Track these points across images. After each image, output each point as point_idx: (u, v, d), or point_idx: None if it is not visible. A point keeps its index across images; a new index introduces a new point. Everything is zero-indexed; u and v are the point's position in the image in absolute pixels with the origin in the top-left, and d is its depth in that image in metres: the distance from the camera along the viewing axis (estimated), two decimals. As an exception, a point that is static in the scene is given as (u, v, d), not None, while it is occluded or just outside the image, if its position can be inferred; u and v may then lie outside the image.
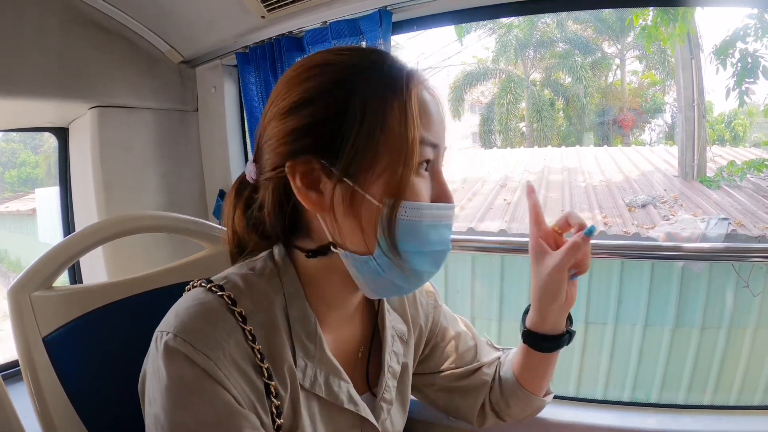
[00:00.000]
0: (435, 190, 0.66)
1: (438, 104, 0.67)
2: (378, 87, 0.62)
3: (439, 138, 0.65)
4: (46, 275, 0.86)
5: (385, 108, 0.61)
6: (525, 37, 13.04)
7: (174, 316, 0.63)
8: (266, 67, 1.66)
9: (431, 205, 0.64)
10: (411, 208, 0.62)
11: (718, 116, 10.73)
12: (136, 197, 1.88)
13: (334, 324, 0.75)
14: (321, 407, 0.71)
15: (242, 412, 0.61)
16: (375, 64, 0.65)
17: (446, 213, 0.66)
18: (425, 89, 0.66)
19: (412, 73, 0.65)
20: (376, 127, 0.61)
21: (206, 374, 0.59)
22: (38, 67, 1.54)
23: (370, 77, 0.63)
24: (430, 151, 0.64)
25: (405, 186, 0.61)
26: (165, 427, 0.58)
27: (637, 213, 5.71)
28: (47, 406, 0.80)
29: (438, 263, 0.68)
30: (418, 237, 0.63)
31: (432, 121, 0.64)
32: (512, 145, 13.23)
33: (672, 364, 3.95)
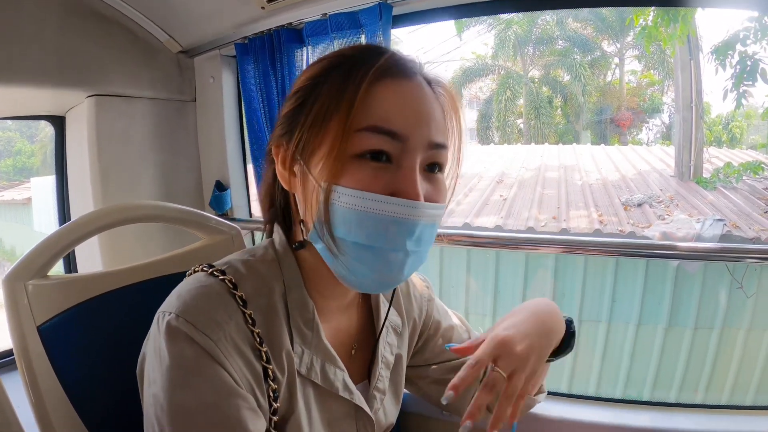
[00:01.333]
0: (395, 186, 0.62)
1: (411, 96, 0.64)
2: (336, 79, 0.64)
3: (400, 128, 0.62)
4: (42, 264, 0.85)
5: (332, 99, 0.63)
6: (524, 34, 13.06)
7: (176, 298, 0.64)
8: (265, 58, 1.65)
9: (369, 194, 0.60)
10: (345, 194, 0.61)
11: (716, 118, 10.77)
12: (133, 187, 1.87)
13: (331, 314, 0.76)
14: (316, 394, 0.72)
15: (241, 392, 0.61)
16: (348, 58, 0.66)
17: (391, 207, 0.61)
18: (394, 81, 0.63)
19: (375, 64, 0.63)
20: (319, 115, 0.63)
21: (207, 354, 0.60)
22: (36, 55, 1.53)
23: (339, 70, 0.65)
24: (384, 141, 0.61)
25: (337, 171, 0.61)
26: (164, 406, 0.59)
27: (632, 212, 5.72)
28: (41, 396, 0.80)
29: (387, 262, 0.63)
30: (351, 226, 0.61)
31: (388, 112, 0.62)
32: (509, 142, 13.27)
33: (664, 363, 3.98)
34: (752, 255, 1.40)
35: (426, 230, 0.64)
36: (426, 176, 0.66)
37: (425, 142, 0.63)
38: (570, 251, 1.43)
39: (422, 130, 0.63)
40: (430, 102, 0.65)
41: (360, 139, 0.61)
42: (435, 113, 0.65)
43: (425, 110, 0.64)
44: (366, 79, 0.62)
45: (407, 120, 0.62)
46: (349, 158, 0.61)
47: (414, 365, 0.96)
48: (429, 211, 0.63)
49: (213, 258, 0.73)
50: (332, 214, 0.62)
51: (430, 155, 0.65)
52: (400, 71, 0.64)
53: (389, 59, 0.64)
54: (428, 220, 0.64)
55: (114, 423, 0.87)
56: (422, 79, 0.67)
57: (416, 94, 0.64)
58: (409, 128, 0.62)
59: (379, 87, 0.62)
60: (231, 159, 2.01)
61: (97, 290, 0.91)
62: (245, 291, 0.66)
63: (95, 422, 0.85)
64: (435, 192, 0.66)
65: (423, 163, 0.65)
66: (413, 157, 0.63)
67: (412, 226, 0.62)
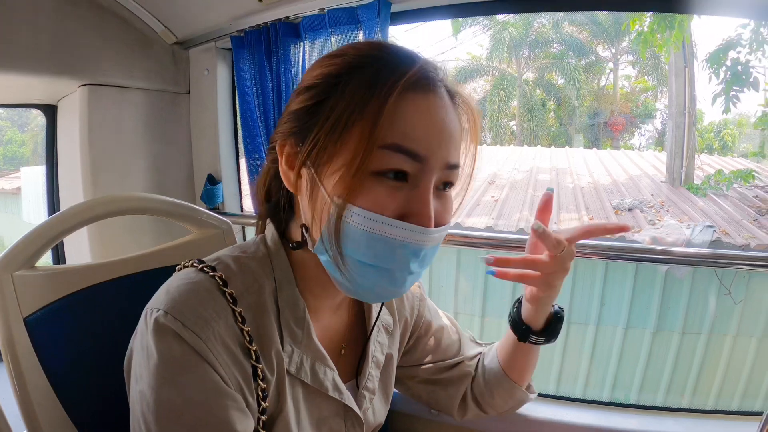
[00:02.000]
0: (409, 207, 0.60)
1: (436, 114, 0.61)
2: (360, 84, 0.60)
3: (423, 149, 0.59)
4: (30, 254, 0.84)
5: (356, 106, 0.59)
6: (520, 36, 13.10)
7: (165, 294, 0.63)
8: (261, 51, 1.64)
9: (382, 218, 0.58)
10: (358, 214, 0.58)
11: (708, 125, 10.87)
12: (124, 178, 1.85)
13: (322, 313, 0.75)
14: (305, 393, 0.71)
15: (229, 392, 0.61)
16: (375, 60, 0.62)
17: (403, 233, 0.59)
18: (418, 96, 0.60)
19: (403, 75, 0.59)
20: (340, 122, 0.59)
21: (195, 352, 0.59)
22: (29, 42, 1.51)
23: (363, 73, 0.61)
24: (404, 161, 0.59)
25: (354, 189, 0.58)
26: (151, 404, 0.58)
27: (623, 216, 5.75)
28: (27, 388, 0.79)
29: (391, 280, 0.62)
30: (360, 246, 0.60)
31: (413, 130, 0.59)
32: (502, 143, 13.30)
33: (652, 367, 4.00)
34: (741, 261, 1.40)
35: (430, 251, 0.63)
36: (437, 195, 0.64)
37: (443, 163, 0.61)
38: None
39: (441, 150, 0.61)
40: (450, 119, 0.63)
41: (381, 156, 0.58)
42: (454, 131, 0.63)
43: (446, 129, 0.61)
44: (395, 90, 0.58)
45: (429, 140, 0.60)
46: (366, 175, 0.58)
47: (404, 365, 0.96)
48: (436, 236, 0.62)
49: (203, 252, 0.72)
50: (343, 231, 0.60)
51: (444, 175, 0.63)
52: (427, 84, 0.61)
53: (419, 70, 0.60)
54: (434, 243, 0.63)
55: (100, 417, 0.86)
56: (445, 90, 0.64)
57: (439, 110, 0.61)
58: (430, 149, 0.60)
59: (406, 100, 0.59)
60: (224, 153, 2.00)
61: (85, 282, 0.90)
62: (235, 288, 0.65)
63: (81, 415, 0.84)
64: (444, 211, 0.65)
65: (437, 183, 0.63)
66: (430, 178, 0.61)
67: (419, 250, 0.61)
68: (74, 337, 0.86)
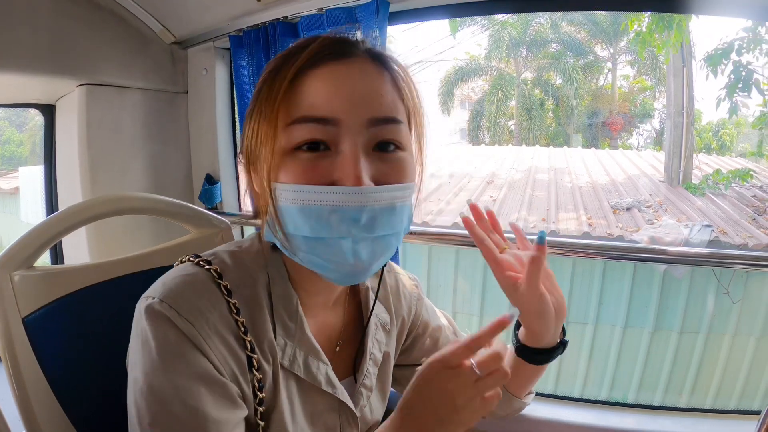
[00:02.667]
0: (336, 172, 0.60)
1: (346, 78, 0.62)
2: (266, 80, 0.64)
3: (331, 113, 0.60)
4: (28, 254, 0.84)
5: (265, 99, 0.63)
6: (518, 36, 13.10)
7: (161, 284, 0.64)
8: (259, 51, 1.64)
9: (305, 186, 0.59)
10: (284, 190, 0.61)
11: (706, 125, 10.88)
12: (122, 178, 1.85)
13: (316, 309, 0.76)
14: (299, 388, 0.72)
15: (221, 380, 0.62)
16: (286, 54, 0.65)
17: (330, 197, 0.59)
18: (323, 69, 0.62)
19: (298, 57, 0.62)
20: (258, 114, 0.64)
21: (188, 340, 0.60)
22: (27, 41, 1.51)
23: (270, 71, 0.65)
24: (314, 129, 0.60)
25: (276, 167, 0.61)
26: (143, 389, 0.59)
27: (621, 216, 5.75)
28: (25, 388, 0.79)
29: (340, 251, 0.61)
30: (297, 221, 0.61)
31: (319, 99, 0.60)
32: (500, 143, 13.31)
33: (650, 366, 4.01)
34: (740, 261, 1.41)
35: (381, 214, 0.61)
36: (378, 156, 0.63)
37: (364, 121, 0.61)
38: (558, 253, 1.43)
39: (358, 109, 0.61)
40: (370, 78, 0.63)
41: (291, 132, 0.60)
42: (377, 90, 0.63)
43: (361, 89, 0.62)
44: (290, 70, 0.61)
45: (337, 102, 0.60)
46: (286, 153, 0.61)
47: (401, 364, 0.95)
48: (377, 195, 0.60)
49: (202, 251, 0.72)
50: (279, 211, 0.62)
51: (375, 133, 0.62)
52: (333, 54, 0.63)
53: (319, 45, 0.63)
54: (380, 204, 0.60)
55: (98, 416, 0.86)
56: (366, 57, 0.65)
57: (350, 74, 0.62)
58: (339, 111, 0.60)
59: (309, 76, 0.62)
60: (222, 152, 1.99)
61: (83, 282, 0.90)
62: (230, 281, 0.66)
63: (79, 415, 0.84)
64: (392, 172, 0.63)
65: (370, 143, 0.62)
66: (350, 139, 0.60)
67: (356, 213, 0.59)
68: (72, 337, 0.87)
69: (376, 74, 0.64)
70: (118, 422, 0.82)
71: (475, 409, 0.62)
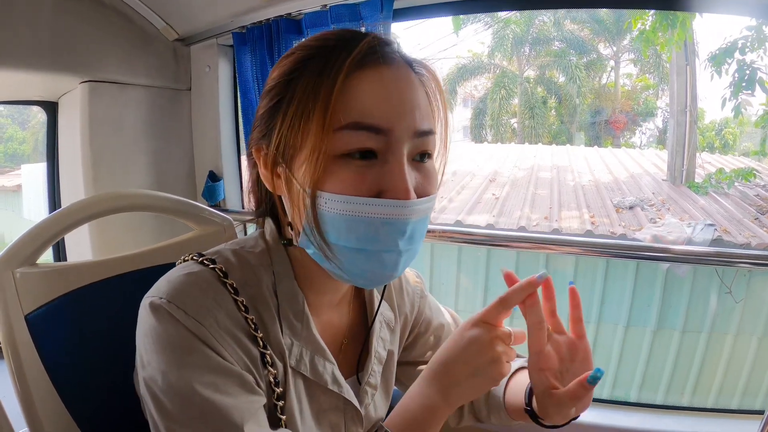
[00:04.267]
0: (384, 183, 0.59)
1: (393, 85, 0.60)
2: (311, 74, 0.60)
3: (383, 122, 0.58)
4: (31, 251, 0.84)
5: (309, 95, 0.59)
6: (521, 34, 13.07)
7: (166, 284, 0.63)
8: (263, 48, 1.64)
9: (355, 198, 0.58)
10: (332, 199, 0.58)
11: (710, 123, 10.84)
12: (125, 175, 1.85)
13: (322, 308, 0.75)
14: (306, 386, 0.71)
15: (237, 371, 0.61)
16: (321, 49, 0.62)
17: (381, 209, 0.58)
18: (370, 71, 0.60)
19: (349, 55, 0.59)
20: (297, 114, 0.60)
21: (198, 339, 0.59)
22: (29, 38, 1.51)
23: (311, 63, 0.61)
24: (367, 138, 0.58)
25: (322, 175, 0.58)
26: (163, 388, 0.58)
27: (624, 214, 5.74)
28: (28, 386, 0.78)
29: (381, 263, 0.61)
30: (341, 231, 0.59)
31: (370, 105, 0.58)
32: (503, 141, 13.28)
33: (652, 365, 4.00)
34: (742, 260, 1.41)
35: (418, 226, 0.62)
36: (415, 166, 0.62)
37: (411, 132, 0.60)
38: (561, 251, 1.43)
39: (406, 119, 0.59)
40: (413, 87, 0.62)
41: (341, 138, 0.58)
42: (419, 99, 0.62)
43: (408, 97, 0.61)
44: (342, 71, 0.58)
45: (389, 111, 0.59)
46: (332, 159, 0.58)
47: (403, 361, 0.95)
48: (419, 207, 0.60)
49: (204, 249, 0.72)
50: (321, 219, 0.60)
51: (417, 144, 0.61)
52: (380, 57, 0.60)
53: (366, 46, 0.60)
54: (420, 216, 0.61)
55: (101, 413, 0.86)
56: (403, 62, 0.63)
57: (398, 80, 0.61)
58: (392, 120, 0.59)
59: (358, 78, 0.59)
60: (225, 149, 1.99)
61: (86, 279, 0.89)
62: (235, 280, 0.65)
63: (82, 413, 0.84)
64: (425, 182, 0.63)
65: (411, 154, 0.61)
66: (399, 150, 0.59)
67: (403, 226, 0.59)
68: (75, 335, 0.86)
69: (416, 81, 0.63)
70: (120, 419, 0.82)
71: (502, 368, 0.68)
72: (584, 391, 0.65)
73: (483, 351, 0.67)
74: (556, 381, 0.68)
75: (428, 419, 0.67)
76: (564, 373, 0.69)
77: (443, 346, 0.70)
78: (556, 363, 0.69)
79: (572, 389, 0.65)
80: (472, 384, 0.67)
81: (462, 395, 0.68)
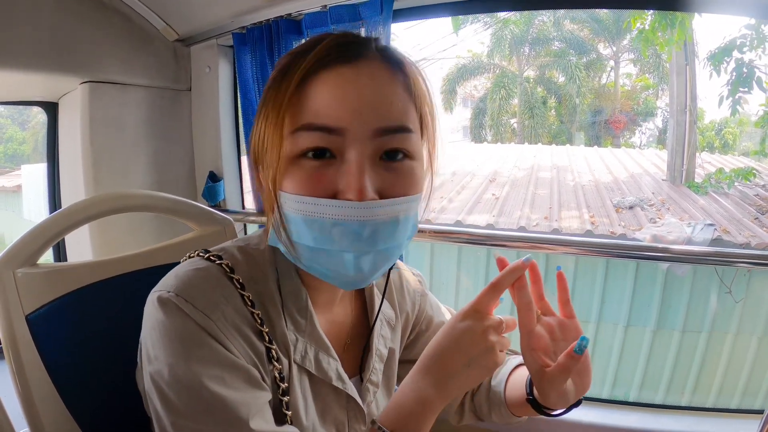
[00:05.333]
0: (340, 183, 0.59)
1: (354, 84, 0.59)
2: (273, 83, 0.63)
3: (336, 121, 0.58)
4: (31, 252, 0.84)
5: (275, 99, 0.62)
6: (521, 34, 13.07)
7: (174, 278, 0.64)
8: (263, 48, 1.64)
9: (307, 198, 0.59)
10: (290, 199, 0.60)
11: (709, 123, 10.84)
12: (125, 176, 1.85)
13: (324, 305, 0.76)
14: (311, 383, 0.72)
15: (244, 365, 0.62)
16: (295, 54, 0.64)
17: (332, 210, 0.58)
18: (330, 72, 0.60)
19: (304, 59, 0.60)
20: (265, 118, 0.63)
21: (206, 333, 0.60)
22: (30, 39, 1.51)
23: (277, 73, 0.64)
24: (319, 138, 0.59)
25: (281, 174, 0.61)
26: (169, 381, 0.59)
27: (624, 214, 5.74)
28: (28, 386, 0.79)
29: (342, 263, 0.61)
30: (301, 230, 0.61)
31: (325, 106, 0.59)
32: (503, 141, 13.27)
33: (652, 365, 4.00)
34: (742, 260, 1.41)
35: (384, 228, 0.60)
36: (385, 166, 0.61)
37: (369, 130, 0.59)
38: (561, 251, 1.43)
39: (365, 118, 0.58)
40: (379, 85, 0.61)
41: (296, 139, 0.59)
42: (387, 96, 0.60)
43: (369, 95, 0.59)
44: (297, 75, 0.59)
45: (343, 110, 0.58)
46: (290, 161, 0.60)
47: (404, 359, 0.95)
48: (379, 210, 0.59)
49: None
50: (285, 218, 0.62)
51: (382, 143, 0.60)
52: (340, 57, 0.60)
53: (325, 47, 0.60)
54: (381, 218, 0.59)
55: (102, 413, 0.86)
56: (378, 58, 0.62)
57: (358, 79, 0.60)
58: (344, 119, 0.58)
59: (314, 80, 0.60)
60: (225, 150, 1.99)
61: (87, 280, 0.90)
62: (241, 276, 0.66)
63: (83, 413, 0.84)
64: (398, 182, 0.61)
65: (377, 153, 0.60)
66: (356, 149, 0.59)
67: (358, 228, 0.58)
68: (76, 335, 0.87)
69: (387, 78, 0.61)
70: (120, 418, 0.82)
71: (496, 357, 0.67)
72: (573, 362, 0.65)
73: (476, 341, 0.66)
74: (549, 360, 0.69)
75: (423, 412, 0.66)
76: (558, 353, 0.70)
77: (435, 339, 0.68)
78: (548, 342, 0.71)
79: (561, 362, 0.66)
80: (467, 375, 0.66)
81: (457, 387, 0.67)
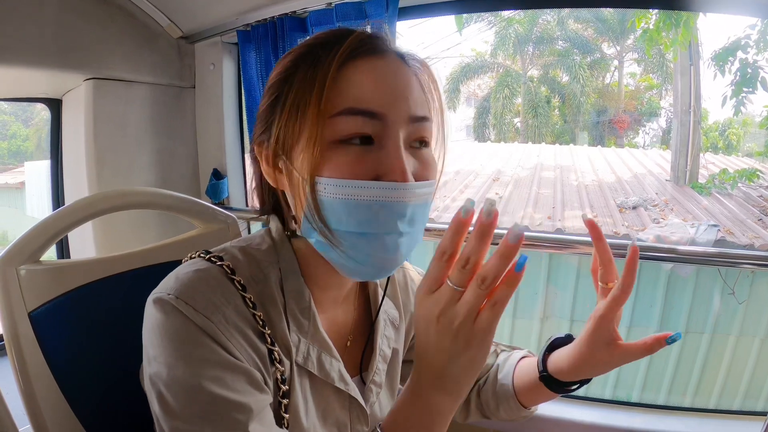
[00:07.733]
0: (381, 167, 0.60)
1: (386, 73, 0.62)
2: (306, 68, 0.63)
3: (378, 106, 0.60)
4: (34, 249, 0.84)
5: (305, 87, 0.61)
6: (525, 33, 13.05)
7: (174, 280, 0.63)
8: (267, 46, 1.64)
9: (353, 182, 0.58)
10: (329, 184, 0.59)
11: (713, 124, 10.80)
12: (128, 173, 1.85)
13: (327, 305, 0.75)
14: (312, 384, 0.71)
15: (245, 367, 0.61)
16: (314, 46, 0.64)
17: (378, 192, 0.58)
18: (363, 61, 0.62)
19: (340, 47, 0.61)
20: (294, 106, 0.62)
21: (207, 335, 0.59)
22: (34, 36, 1.51)
23: (307, 59, 0.63)
24: (363, 123, 0.60)
25: (320, 161, 0.59)
26: (168, 382, 0.58)
27: (627, 214, 5.74)
28: (31, 383, 0.79)
29: (383, 246, 0.61)
30: (341, 216, 0.60)
31: (364, 91, 0.60)
32: (506, 140, 13.26)
33: (654, 366, 3.99)
34: (746, 261, 1.41)
35: (418, 210, 0.62)
36: (413, 153, 0.63)
37: (405, 117, 0.61)
38: (564, 251, 1.43)
39: (400, 105, 0.61)
40: (406, 76, 0.63)
41: (337, 124, 0.59)
42: (413, 87, 0.63)
43: (401, 85, 0.62)
44: (335, 60, 0.60)
45: (383, 97, 0.60)
46: (329, 146, 0.60)
47: (408, 360, 0.95)
48: (418, 191, 0.61)
49: (208, 246, 0.72)
50: (321, 205, 0.61)
51: (413, 130, 0.63)
52: (371, 49, 0.63)
53: (357, 38, 0.63)
54: (419, 200, 0.61)
55: (104, 411, 0.86)
56: (395, 55, 0.65)
57: (390, 69, 0.63)
58: (386, 105, 0.60)
59: (351, 68, 0.61)
60: (229, 147, 2.00)
61: (90, 277, 0.90)
62: (243, 276, 0.66)
63: (85, 409, 0.84)
64: (424, 168, 0.64)
65: (408, 140, 0.63)
66: (395, 134, 0.61)
67: (402, 208, 0.59)
68: (78, 332, 0.87)
69: (408, 72, 0.64)
70: (123, 415, 0.82)
71: (475, 334, 0.53)
72: (658, 347, 0.69)
73: (443, 328, 0.54)
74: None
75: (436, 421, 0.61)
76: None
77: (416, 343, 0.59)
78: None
79: (649, 343, 0.70)
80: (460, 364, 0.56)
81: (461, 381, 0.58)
